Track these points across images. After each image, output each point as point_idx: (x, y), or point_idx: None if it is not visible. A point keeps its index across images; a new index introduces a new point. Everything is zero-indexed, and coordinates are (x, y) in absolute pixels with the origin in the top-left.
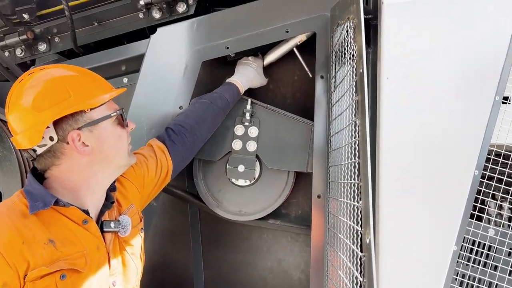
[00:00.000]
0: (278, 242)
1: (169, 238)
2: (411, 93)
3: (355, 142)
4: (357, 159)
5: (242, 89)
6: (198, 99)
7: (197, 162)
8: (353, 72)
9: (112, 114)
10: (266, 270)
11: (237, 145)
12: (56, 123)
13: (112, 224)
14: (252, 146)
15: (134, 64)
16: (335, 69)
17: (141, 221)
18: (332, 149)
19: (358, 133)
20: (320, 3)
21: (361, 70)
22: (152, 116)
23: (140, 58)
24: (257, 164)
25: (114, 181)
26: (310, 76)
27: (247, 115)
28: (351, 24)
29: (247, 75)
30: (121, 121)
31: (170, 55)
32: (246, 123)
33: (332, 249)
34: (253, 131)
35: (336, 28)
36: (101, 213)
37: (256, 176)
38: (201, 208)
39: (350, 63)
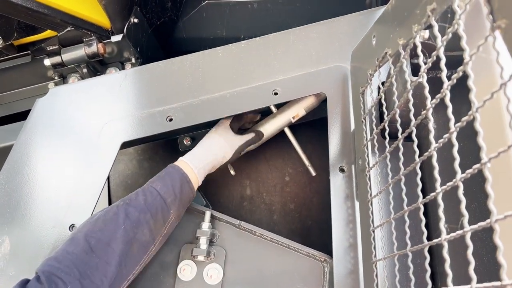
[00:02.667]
0: None
1: None
2: None
3: None
4: None
5: (196, 177)
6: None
7: None
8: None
9: None
10: None
11: None
12: None
13: None
14: None
15: None
16: (374, 152)
17: None
18: None
19: None
20: (330, 47)
21: None
22: (14, 244)
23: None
24: None
25: None
26: (313, 174)
27: (203, 242)
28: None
29: (208, 150)
30: None
31: (66, 130)
32: (201, 258)
33: None
34: (213, 274)
35: (372, 74)
36: None
37: None
38: None
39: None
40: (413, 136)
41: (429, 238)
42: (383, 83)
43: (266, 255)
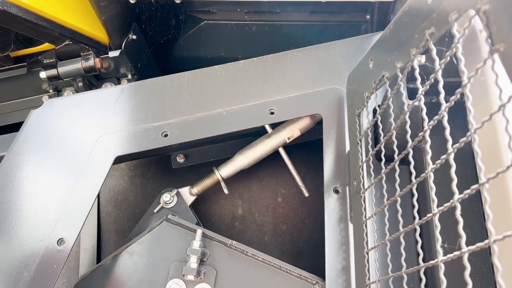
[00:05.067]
0: None
1: None
2: None
3: None
4: None
5: None
6: None
7: None
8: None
9: None
10: None
11: None
12: None
13: None
14: None
15: None
16: (370, 174)
17: None
18: None
19: None
20: (327, 70)
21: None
22: (1, 256)
23: None
24: None
25: None
26: (306, 195)
27: (193, 261)
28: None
29: None
30: None
31: (59, 143)
32: (190, 277)
33: None
34: None
35: (369, 96)
36: None
37: None
38: None
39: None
40: (410, 157)
41: (424, 260)
42: (379, 106)
43: (257, 276)
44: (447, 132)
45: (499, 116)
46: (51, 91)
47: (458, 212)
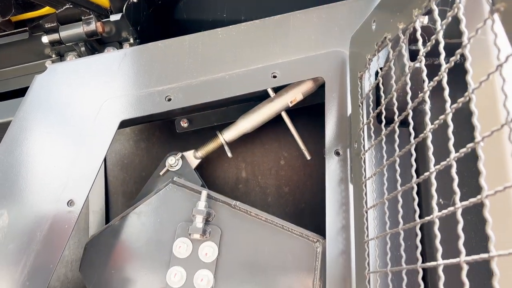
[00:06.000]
0: None
1: None
2: None
3: None
4: None
5: None
6: None
7: None
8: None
9: None
10: None
11: (176, 278)
12: None
13: None
14: (204, 282)
15: None
16: (370, 135)
17: None
18: None
19: None
20: (329, 32)
21: None
22: (14, 218)
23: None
24: None
25: None
26: (308, 158)
27: (199, 221)
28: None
29: None
30: None
31: (64, 108)
32: (196, 236)
33: None
34: (209, 252)
35: (371, 59)
36: None
37: None
38: None
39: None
40: (409, 118)
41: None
42: (381, 68)
43: (260, 235)
44: (446, 93)
45: (497, 76)
46: (53, 56)
47: (453, 170)
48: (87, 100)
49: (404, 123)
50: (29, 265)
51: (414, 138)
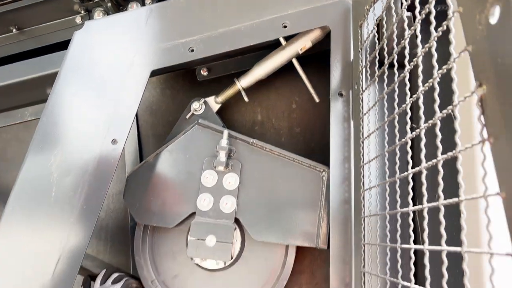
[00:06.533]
0: None
1: None
2: None
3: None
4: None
5: None
6: None
7: (140, 230)
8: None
9: None
10: None
11: (205, 203)
12: None
13: None
14: (229, 205)
15: None
16: (367, 77)
17: None
18: (369, 214)
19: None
20: None
21: None
22: (69, 155)
23: None
24: (237, 233)
25: None
26: (317, 100)
27: (222, 156)
28: None
29: None
30: None
31: (102, 60)
32: (220, 168)
33: None
34: (231, 181)
35: (369, 9)
36: None
37: (235, 253)
38: None
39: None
40: (406, 62)
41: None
42: (378, 17)
43: (274, 166)
44: (432, 26)
45: None
46: (82, 12)
47: (436, 106)
48: (121, 54)
49: (400, 66)
50: (84, 193)
51: (410, 80)
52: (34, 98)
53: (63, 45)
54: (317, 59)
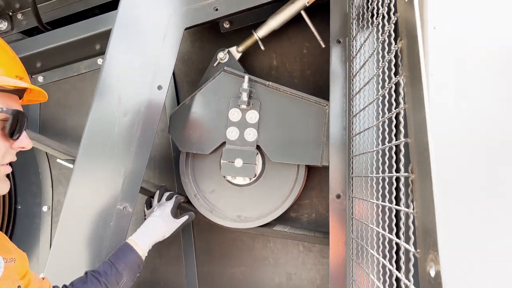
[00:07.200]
0: (287, 253)
1: (157, 251)
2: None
3: (398, 113)
4: (403, 138)
5: (142, 249)
6: (93, 275)
7: (184, 156)
8: (389, 12)
9: (3, 109)
10: (274, 287)
11: (232, 134)
12: None
13: None
14: (251, 135)
15: None
16: (356, 27)
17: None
18: (356, 133)
19: (403, 99)
20: None
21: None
22: (125, 100)
23: None
24: (259, 157)
25: None
26: (323, 46)
27: (244, 96)
28: None
29: (152, 231)
30: (9, 129)
31: (145, 21)
32: (243, 106)
33: (359, 267)
34: (253, 116)
35: None
36: None
37: (258, 172)
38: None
39: (383, 6)
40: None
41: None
42: None
43: (287, 103)
44: None
45: None
46: None
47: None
48: (161, 14)
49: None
50: (140, 128)
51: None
52: (87, 53)
53: (108, 7)
54: (322, 9)
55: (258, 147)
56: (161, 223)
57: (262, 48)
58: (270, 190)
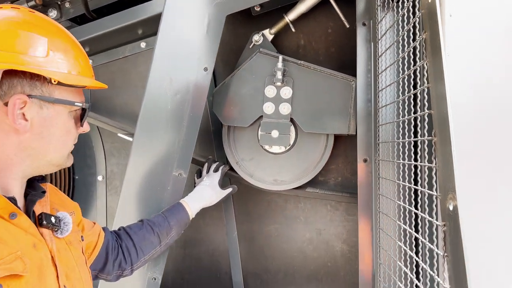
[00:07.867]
0: (317, 212)
1: (201, 213)
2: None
3: (424, 90)
4: (426, 110)
5: (191, 212)
6: (148, 223)
7: (226, 129)
8: (414, 7)
9: (76, 103)
10: (305, 242)
11: (269, 108)
12: (6, 75)
13: (53, 219)
14: (285, 109)
15: (152, 26)
16: (381, 12)
17: (82, 236)
18: (383, 105)
19: (426, 79)
20: None
21: (429, 0)
22: (175, 81)
23: (157, 18)
24: (292, 128)
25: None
26: (347, 26)
27: (279, 74)
28: None
29: (202, 197)
30: (79, 117)
31: (191, 10)
32: (278, 84)
33: (386, 217)
34: (286, 92)
35: None
36: (30, 203)
37: (292, 141)
38: (233, 178)
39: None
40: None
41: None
42: None
43: (317, 79)
44: None
45: None
46: None
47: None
48: (204, 2)
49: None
50: (189, 105)
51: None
52: (130, 38)
53: None
54: None
55: (291, 120)
56: (210, 191)
57: (293, 30)
58: (302, 157)
